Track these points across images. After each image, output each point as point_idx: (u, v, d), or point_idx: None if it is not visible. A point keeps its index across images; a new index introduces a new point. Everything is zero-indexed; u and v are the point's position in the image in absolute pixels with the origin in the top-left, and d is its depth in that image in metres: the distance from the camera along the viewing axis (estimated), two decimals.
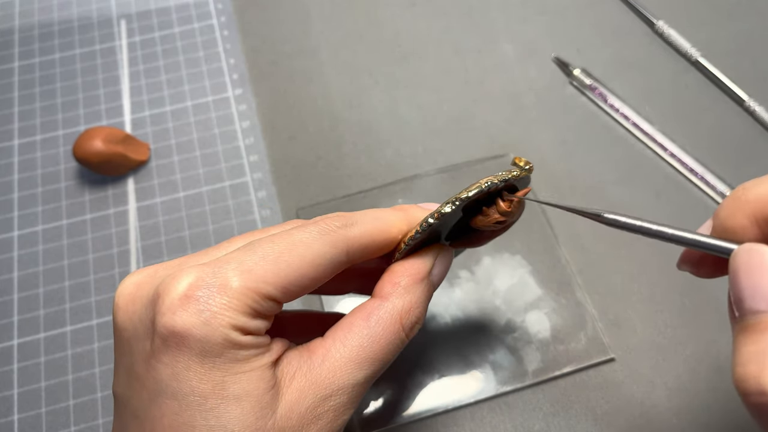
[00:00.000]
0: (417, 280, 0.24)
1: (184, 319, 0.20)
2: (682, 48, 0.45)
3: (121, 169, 0.40)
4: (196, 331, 0.20)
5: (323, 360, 0.22)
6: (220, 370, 0.20)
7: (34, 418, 0.33)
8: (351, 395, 0.22)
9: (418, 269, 0.24)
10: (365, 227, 0.24)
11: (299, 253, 0.22)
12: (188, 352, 0.20)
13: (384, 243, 0.24)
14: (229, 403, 0.20)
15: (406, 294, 0.24)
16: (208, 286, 0.21)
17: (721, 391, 0.33)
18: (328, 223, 0.23)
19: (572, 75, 0.44)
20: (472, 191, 0.23)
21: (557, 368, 0.34)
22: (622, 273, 0.37)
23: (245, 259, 0.21)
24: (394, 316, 0.23)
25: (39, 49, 0.47)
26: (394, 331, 0.23)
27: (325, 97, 0.44)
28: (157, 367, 0.21)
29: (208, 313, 0.20)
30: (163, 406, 0.20)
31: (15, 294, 0.37)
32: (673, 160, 0.40)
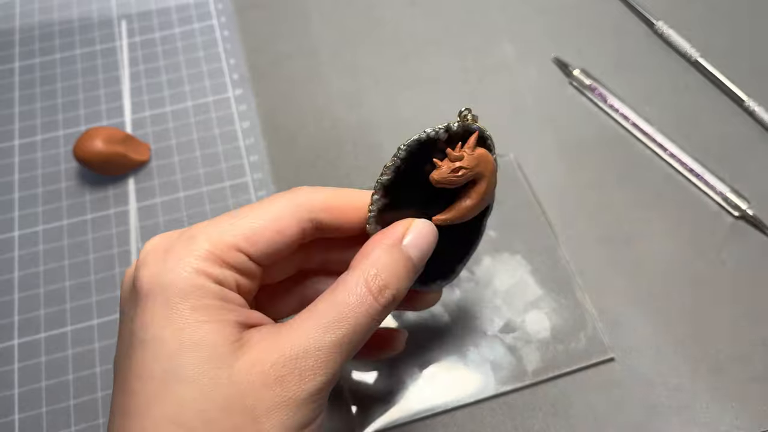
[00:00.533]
0: (386, 247, 0.24)
1: (152, 270, 0.22)
2: (682, 48, 0.45)
3: (122, 170, 0.40)
4: (161, 277, 0.21)
5: (290, 327, 0.22)
6: (182, 316, 0.21)
7: (34, 418, 0.34)
8: (318, 358, 0.21)
9: (387, 237, 0.24)
10: (328, 191, 0.25)
11: (262, 209, 0.24)
12: (154, 300, 0.21)
13: (348, 208, 0.25)
14: (186, 349, 0.21)
15: (374, 260, 0.23)
16: (177, 238, 0.23)
17: (721, 391, 0.34)
18: (294, 189, 0.25)
19: (572, 75, 0.44)
20: (412, 137, 0.24)
21: (557, 368, 0.34)
22: (621, 273, 0.37)
23: (214, 219, 0.24)
24: (359, 280, 0.23)
25: (39, 49, 0.47)
26: (360, 294, 0.22)
27: (325, 97, 0.44)
28: (132, 322, 0.22)
29: (174, 260, 0.22)
30: (132, 356, 0.21)
31: (15, 294, 0.37)
32: (672, 160, 0.40)
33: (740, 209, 0.38)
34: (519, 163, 0.41)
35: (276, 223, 0.24)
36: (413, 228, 0.25)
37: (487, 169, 0.25)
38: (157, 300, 0.21)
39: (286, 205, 0.24)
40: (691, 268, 0.37)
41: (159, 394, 0.20)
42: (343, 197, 0.25)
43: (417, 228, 0.25)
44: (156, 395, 0.20)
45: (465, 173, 0.24)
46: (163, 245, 0.23)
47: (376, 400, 0.33)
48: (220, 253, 0.22)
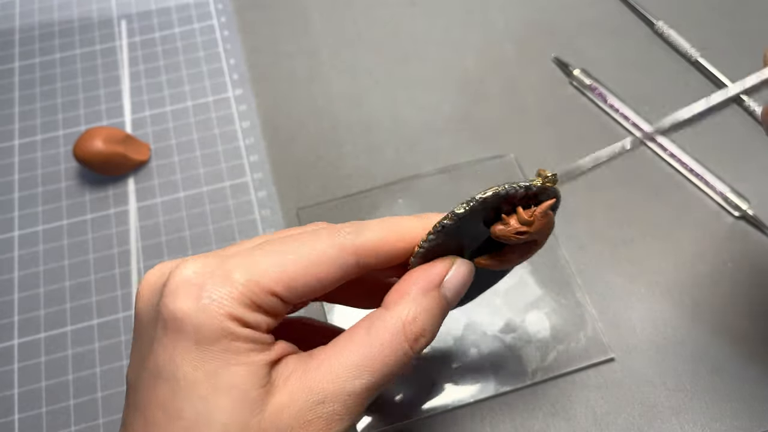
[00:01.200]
0: (425, 290, 0.23)
1: (183, 305, 0.21)
2: (682, 48, 0.45)
3: (122, 169, 0.40)
4: (193, 317, 0.20)
5: (319, 365, 0.21)
6: (214, 359, 0.20)
7: (34, 417, 0.34)
8: (346, 404, 0.21)
9: (428, 278, 0.23)
10: (377, 233, 0.23)
11: (306, 251, 0.22)
12: (184, 338, 0.20)
13: (399, 250, 0.24)
14: (219, 393, 0.20)
15: (413, 303, 0.23)
16: (211, 274, 0.21)
17: (722, 392, 0.34)
18: (339, 228, 0.23)
19: (572, 75, 0.44)
20: (487, 192, 0.22)
21: (557, 368, 0.34)
22: (621, 273, 0.37)
23: (252, 252, 0.22)
24: (397, 325, 0.22)
25: (39, 49, 0.47)
26: (395, 341, 0.22)
27: (325, 97, 0.44)
28: (157, 350, 0.21)
29: (207, 300, 0.21)
30: (158, 390, 0.21)
31: (15, 294, 0.37)
32: (672, 160, 0.40)
33: (740, 209, 0.38)
34: (519, 163, 0.41)
35: (317, 269, 0.22)
36: (454, 270, 0.24)
37: (546, 234, 0.24)
38: (190, 338, 0.20)
39: (329, 250, 0.22)
40: (691, 268, 0.37)
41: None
42: (393, 237, 0.24)
43: (457, 269, 0.24)
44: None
45: (527, 238, 0.23)
46: (198, 280, 0.21)
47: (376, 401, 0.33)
48: (255, 297, 0.21)
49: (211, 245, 0.38)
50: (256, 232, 0.39)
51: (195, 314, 0.20)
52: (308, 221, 0.39)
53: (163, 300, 0.21)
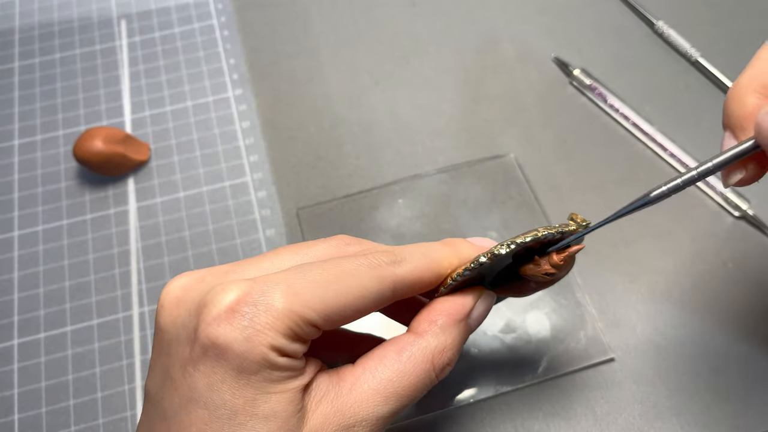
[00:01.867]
0: (455, 321, 0.24)
1: (227, 333, 0.20)
2: (682, 48, 0.45)
3: (122, 169, 0.40)
4: (236, 346, 0.20)
5: (351, 389, 0.22)
6: (254, 387, 0.21)
7: (34, 418, 0.34)
8: (373, 428, 0.22)
9: (458, 310, 0.24)
10: (414, 265, 0.23)
11: (347, 284, 0.22)
12: (226, 365, 0.20)
13: (432, 280, 0.24)
14: (258, 421, 0.20)
15: (442, 334, 0.23)
16: (255, 303, 0.21)
17: (722, 392, 0.33)
18: (378, 258, 0.23)
19: (572, 75, 0.44)
20: (528, 237, 0.23)
21: (557, 368, 0.34)
22: (622, 273, 0.37)
23: (294, 281, 0.21)
24: (426, 354, 0.23)
25: (39, 49, 0.47)
26: (424, 370, 0.23)
27: (325, 97, 0.44)
28: (193, 374, 0.21)
29: (251, 330, 0.20)
30: (192, 414, 0.21)
31: (15, 294, 0.37)
32: (672, 160, 0.40)
33: (740, 209, 0.38)
34: (519, 163, 0.41)
35: (358, 302, 0.22)
36: (480, 302, 0.25)
37: (567, 272, 0.25)
38: (231, 366, 0.20)
39: (369, 283, 0.22)
40: (692, 269, 0.37)
41: None
42: (428, 269, 0.24)
43: (483, 301, 0.25)
44: None
45: (553, 279, 0.25)
46: (241, 308, 0.21)
47: None
48: (296, 327, 0.21)
49: (211, 245, 0.38)
50: (256, 232, 0.39)
51: (238, 344, 0.20)
52: (308, 221, 0.39)
53: (204, 326, 0.21)
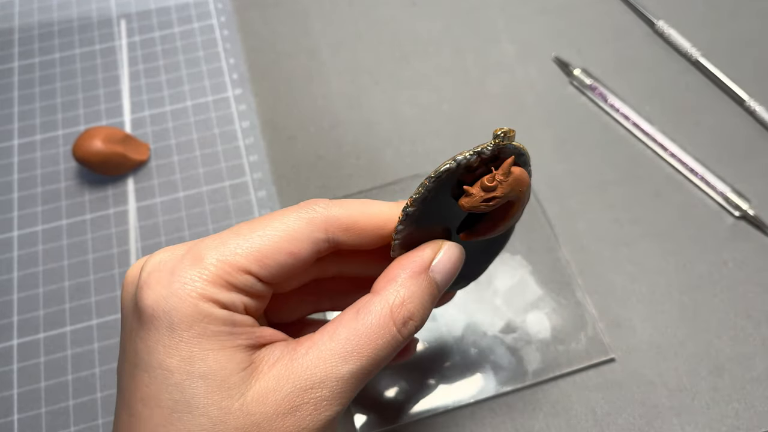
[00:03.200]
0: (413, 274, 0.23)
1: (155, 292, 0.21)
2: (683, 48, 0.45)
3: (121, 169, 0.40)
4: (164, 303, 0.20)
5: (307, 351, 0.21)
6: (188, 344, 0.20)
7: (33, 418, 0.33)
8: (334, 389, 0.21)
9: (415, 262, 0.23)
10: (347, 209, 0.23)
11: (273, 227, 0.22)
12: (158, 325, 0.20)
13: (370, 231, 0.23)
14: (194, 379, 0.20)
15: (400, 288, 0.22)
16: (181, 258, 0.21)
17: (722, 392, 0.33)
18: (309, 203, 0.23)
19: (572, 75, 0.44)
20: (440, 169, 0.22)
21: (557, 368, 0.34)
22: (622, 273, 0.37)
23: (222, 236, 0.22)
24: (384, 309, 0.22)
25: (39, 48, 0.47)
26: (383, 325, 0.22)
27: (325, 97, 0.44)
28: (135, 341, 0.21)
29: (178, 284, 0.21)
30: (137, 379, 0.21)
31: (15, 294, 0.37)
32: (673, 160, 0.40)
33: (741, 209, 0.38)
34: None
35: (288, 244, 0.22)
36: (442, 253, 0.23)
37: (521, 191, 0.23)
38: (162, 325, 0.20)
39: (299, 224, 0.23)
40: (692, 269, 0.37)
41: (166, 424, 0.20)
42: (363, 216, 0.24)
43: (446, 253, 0.24)
44: (164, 424, 0.20)
45: (498, 202, 0.22)
46: (168, 266, 0.21)
47: (376, 401, 0.33)
48: (228, 276, 0.21)
49: None
50: None
51: (166, 300, 0.20)
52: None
53: (137, 291, 0.21)
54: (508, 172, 0.22)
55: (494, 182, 0.22)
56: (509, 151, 0.23)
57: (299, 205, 0.23)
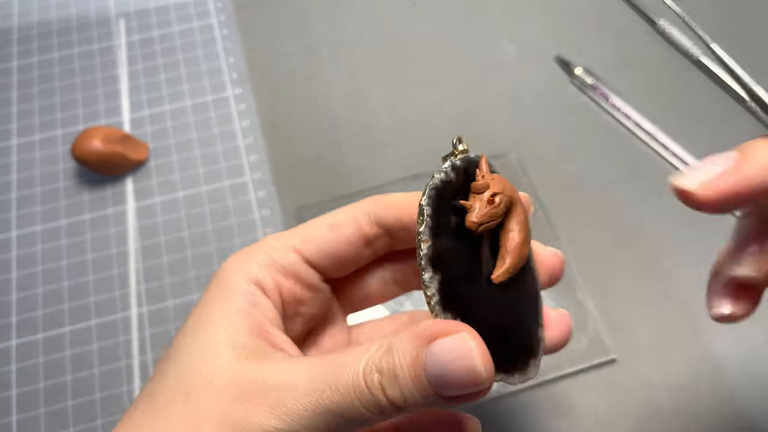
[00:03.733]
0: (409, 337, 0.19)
1: (226, 261, 0.24)
2: (684, 47, 0.45)
3: (120, 169, 0.40)
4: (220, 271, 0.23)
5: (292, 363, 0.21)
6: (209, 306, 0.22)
7: (32, 419, 0.33)
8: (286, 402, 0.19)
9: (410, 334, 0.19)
10: (395, 194, 0.24)
11: (325, 215, 0.24)
12: (209, 285, 0.23)
13: (410, 212, 0.23)
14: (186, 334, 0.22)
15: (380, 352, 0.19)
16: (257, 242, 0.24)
17: (723, 392, 0.33)
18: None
19: (573, 74, 0.44)
20: (425, 194, 0.20)
21: (558, 369, 0.34)
22: (623, 274, 0.37)
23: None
24: (358, 369, 0.19)
25: (37, 48, 0.46)
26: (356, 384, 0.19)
27: (325, 97, 0.44)
28: None
29: (234, 259, 0.23)
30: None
31: (13, 294, 0.37)
32: (674, 159, 0.40)
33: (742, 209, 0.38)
34: (520, 163, 0.40)
35: (331, 219, 0.24)
36: (450, 339, 0.18)
37: (513, 191, 0.21)
38: (210, 285, 0.23)
39: (346, 208, 0.24)
40: (693, 269, 0.37)
41: (162, 366, 0.22)
42: (406, 195, 0.24)
43: (453, 341, 0.18)
44: (160, 367, 0.22)
45: (501, 198, 0.20)
46: (248, 247, 0.24)
47: None
48: (276, 253, 0.23)
49: (210, 245, 0.38)
50: (256, 232, 0.39)
51: (223, 268, 0.23)
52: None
53: None
54: (490, 167, 0.21)
55: (484, 181, 0.20)
56: (472, 159, 0.22)
57: None
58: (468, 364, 0.18)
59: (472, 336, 0.19)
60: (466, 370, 0.18)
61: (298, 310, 0.24)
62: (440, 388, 0.18)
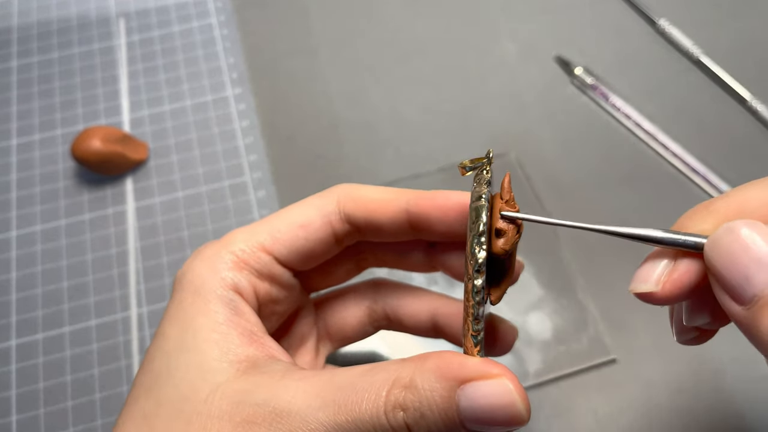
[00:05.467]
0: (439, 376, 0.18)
1: (187, 264, 0.23)
2: (684, 47, 0.45)
3: (120, 169, 0.40)
4: (183, 277, 0.23)
5: (300, 379, 0.20)
6: (188, 313, 0.22)
7: (32, 419, 0.33)
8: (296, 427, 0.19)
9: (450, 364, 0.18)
10: (361, 186, 0.24)
11: (290, 209, 0.24)
12: (173, 295, 0.23)
13: (378, 200, 0.23)
14: (181, 353, 0.21)
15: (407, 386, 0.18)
16: (218, 242, 0.23)
17: (723, 392, 0.33)
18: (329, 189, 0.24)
19: (574, 74, 0.43)
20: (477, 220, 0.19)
21: (559, 369, 0.34)
22: (624, 274, 0.37)
23: (254, 223, 0.24)
24: (379, 402, 0.18)
25: (37, 48, 0.46)
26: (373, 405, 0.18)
27: (324, 96, 0.44)
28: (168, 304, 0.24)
29: (199, 260, 0.23)
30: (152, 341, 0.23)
31: (13, 294, 0.37)
32: (675, 159, 0.40)
33: None
34: (520, 163, 0.40)
35: (299, 217, 0.23)
36: (487, 383, 0.18)
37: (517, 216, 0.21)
38: (175, 296, 0.22)
39: (311, 200, 0.24)
40: None
41: (151, 387, 0.20)
42: (372, 189, 0.24)
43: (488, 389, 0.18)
44: (149, 388, 0.21)
45: (520, 224, 0.20)
46: (208, 247, 0.23)
47: None
48: (246, 255, 0.22)
49: None
50: None
51: (186, 272, 0.23)
52: None
53: None
54: (510, 192, 0.21)
55: (514, 205, 0.20)
56: (490, 172, 0.22)
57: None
58: (512, 411, 0.18)
59: (511, 380, 0.18)
60: (509, 417, 0.18)
61: (274, 309, 0.24)
62: (476, 426, 0.18)
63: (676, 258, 0.18)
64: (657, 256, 0.19)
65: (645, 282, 0.19)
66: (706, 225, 0.18)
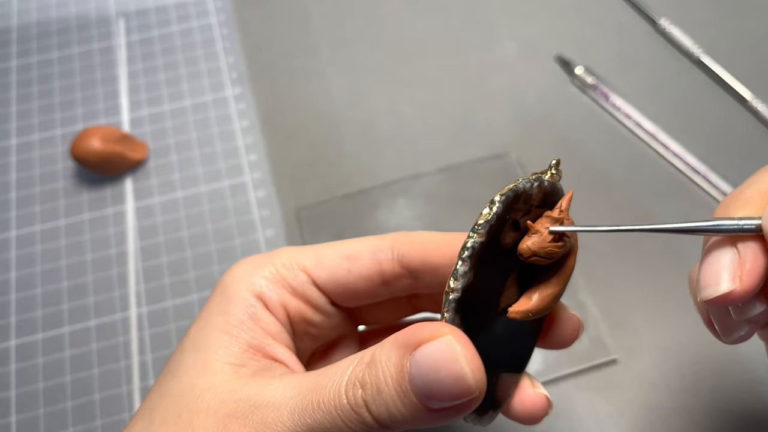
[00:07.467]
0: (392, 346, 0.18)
1: (230, 270, 0.24)
2: (685, 46, 0.44)
3: (119, 169, 0.40)
4: (225, 277, 0.23)
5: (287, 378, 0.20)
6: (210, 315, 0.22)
7: (32, 419, 0.33)
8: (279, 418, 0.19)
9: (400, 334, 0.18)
10: (416, 232, 0.23)
11: (343, 241, 0.23)
12: (211, 297, 0.23)
13: (439, 251, 0.22)
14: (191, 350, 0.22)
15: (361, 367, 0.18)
16: (265, 255, 0.24)
17: (724, 392, 0.33)
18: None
19: (574, 74, 0.43)
20: (497, 201, 0.18)
21: (559, 369, 0.34)
22: (624, 274, 0.37)
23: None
24: (342, 382, 0.18)
25: (37, 47, 0.46)
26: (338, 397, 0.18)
27: (324, 96, 0.44)
28: None
29: (239, 269, 0.23)
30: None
31: (13, 294, 0.37)
32: (675, 159, 0.40)
33: None
34: (521, 163, 0.40)
35: (347, 249, 0.23)
36: (435, 343, 0.17)
37: (576, 241, 0.20)
38: (210, 294, 0.23)
39: (367, 238, 0.23)
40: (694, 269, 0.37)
41: (161, 381, 0.22)
42: (432, 235, 0.22)
43: (437, 345, 0.17)
44: (160, 381, 0.22)
45: (566, 243, 0.19)
46: (254, 257, 0.23)
47: None
48: (285, 271, 0.23)
49: (210, 245, 0.38)
50: (256, 232, 0.39)
51: (228, 275, 0.23)
52: (308, 221, 0.38)
53: None
54: (568, 210, 0.19)
55: (562, 214, 0.19)
56: (558, 187, 0.20)
57: None
58: (455, 370, 0.16)
59: (458, 339, 0.17)
60: (452, 378, 0.16)
61: (307, 330, 0.24)
62: (426, 399, 0.17)
63: (735, 248, 0.17)
64: (714, 251, 0.17)
65: (718, 284, 0.17)
66: (746, 212, 0.17)
